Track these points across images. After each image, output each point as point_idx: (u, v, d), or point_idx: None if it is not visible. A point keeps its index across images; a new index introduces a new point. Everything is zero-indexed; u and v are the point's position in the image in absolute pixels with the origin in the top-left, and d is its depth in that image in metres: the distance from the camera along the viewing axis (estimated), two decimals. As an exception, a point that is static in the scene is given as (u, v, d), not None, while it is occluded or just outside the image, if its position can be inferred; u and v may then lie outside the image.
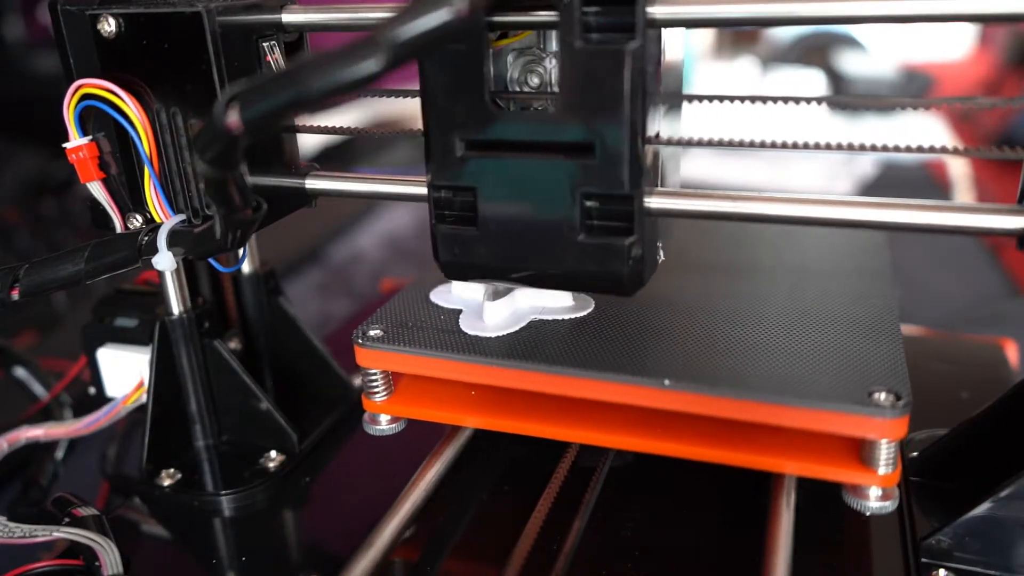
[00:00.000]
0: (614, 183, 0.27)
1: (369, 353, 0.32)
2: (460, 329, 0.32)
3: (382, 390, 0.33)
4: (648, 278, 0.30)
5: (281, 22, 0.32)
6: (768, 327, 0.31)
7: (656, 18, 0.26)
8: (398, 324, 0.33)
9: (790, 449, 0.28)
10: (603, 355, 0.30)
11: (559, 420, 0.31)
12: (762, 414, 0.27)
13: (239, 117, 0.22)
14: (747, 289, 0.35)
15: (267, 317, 0.42)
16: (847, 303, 0.33)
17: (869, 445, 0.27)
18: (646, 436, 0.30)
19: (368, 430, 0.34)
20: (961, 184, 1.11)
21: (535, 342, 0.31)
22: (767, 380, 0.28)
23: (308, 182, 0.35)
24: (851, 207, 0.27)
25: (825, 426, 0.27)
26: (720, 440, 0.29)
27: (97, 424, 0.39)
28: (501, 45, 0.30)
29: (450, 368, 0.31)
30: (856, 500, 0.28)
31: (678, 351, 0.30)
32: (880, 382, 0.27)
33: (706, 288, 0.35)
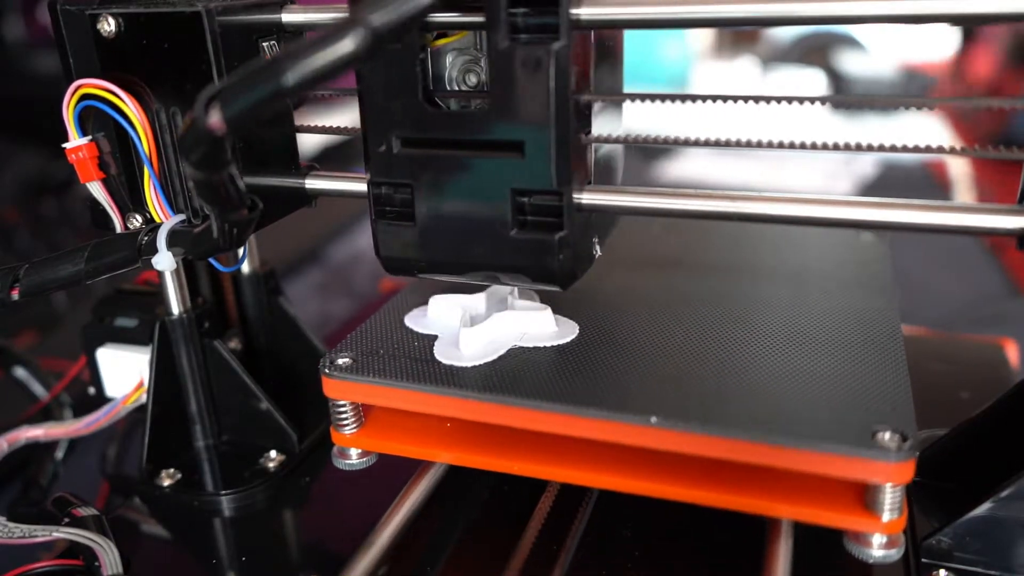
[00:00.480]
0: (542, 180, 0.28)
1: (337, 384, 0.30)
2: (434, 358, 0.31)
3: (351, 422, 0.31)
4: (582, 273, 0.30)
5: (281, 22, 0.32)
6: (763, 352, 0.30)
7: (583, 19, 0.26)
8: (369, 352, 0.31)
9: (786, 492, 0.27)
10: (586, 388, 0.28)
11: (540, 457, 0.29)
12: (756, 455, 0.25)
13: (220, 116, 0.22)
14: (742, 309, 0.33)
15: (267, 317, 0.42)
16: (848, 324, 0.31)
17: (873, 490, 0.25)
18: (632, 476, 0.28)
19: (337, 464, 0.32)
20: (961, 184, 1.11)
21: (514, 373, 0.29)
22: (761, 417, 0.26)
23: (308, 182, 0.35)
24: (851, 207, 0.27)
25: (824, 469, 0.25)
26: (711, 481, 0.27)
27: (97, 424, 0.39)
28: (440, 45, 0.30)
29: (423, 401, 0.29)
30: (858, 548, 0.26)
31: (668, 382, 0.28)
32: (884, 420, 0.25)
33: (698, 308, 0.33)
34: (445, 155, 0.29)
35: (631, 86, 0.33)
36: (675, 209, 0.29)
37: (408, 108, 0.29)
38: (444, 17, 0.28)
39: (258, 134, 0.33)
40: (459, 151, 0.29)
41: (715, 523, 0.33)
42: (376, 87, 0.29)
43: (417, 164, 0.29)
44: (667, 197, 0.29)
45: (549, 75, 0.26)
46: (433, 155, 0.29)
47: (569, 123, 0.27)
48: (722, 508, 0.27)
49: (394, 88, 0.28)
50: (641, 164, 1.33)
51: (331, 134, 0.34)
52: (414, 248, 0.30)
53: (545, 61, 0.26)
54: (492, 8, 0.26)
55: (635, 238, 0.40)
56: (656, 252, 0.39)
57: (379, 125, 0.29)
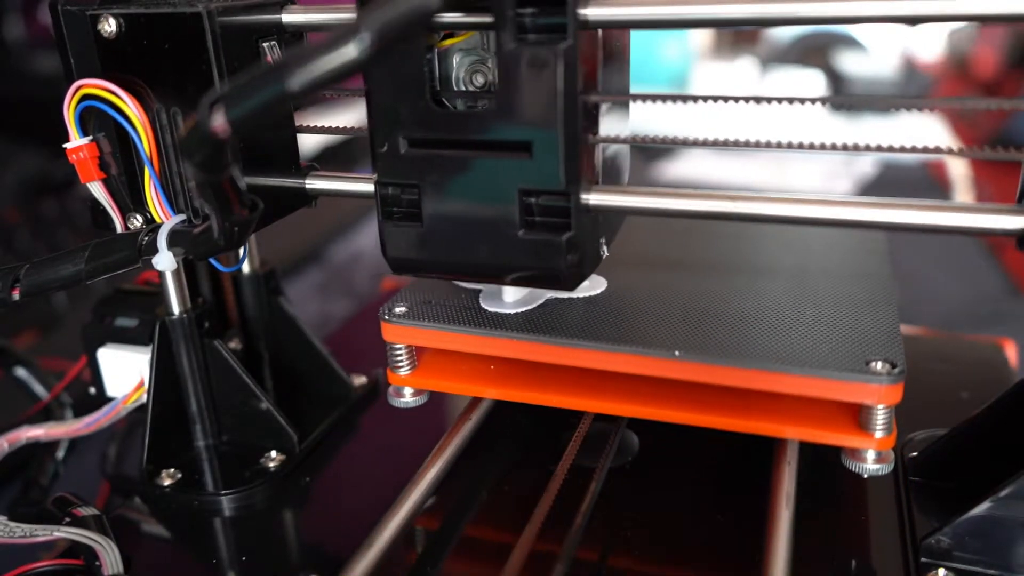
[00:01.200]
0: (550, 180, 0.28)
1: (395, 328, 0.33)
2: (480, 306, 0.34)
3: (406, 364, 0.34)
4: (588, 273, 0.31)
5: (281, 22, 0.33)
6: (771, 304, 0.33)
7: (590, 19, 0.26)
8: (421, 302, 0.34)
9: (792, 416, 0.30)
10: (616, 329, 0.31)
11: (574, 391, 0.32)
12: (766, 382, 0.29)
13: (225, 119, 0.22)
14: (754, 270, 0.36)
15: (267, 317, 0.42)
16: (846, 281, 0.35)
17: (866, 411, 0.29)
18: (656, 405, 0.31)
19: (392, 403, 0.35)
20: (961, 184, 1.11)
21: (551, 318, 0.33)
22: (770, 351, 0.29)
23: (308, 182, 0.35)
24: (851, 207, 0.27)
25: (825, 393, 0.28)
26: (725, 408, 0.30)
27: (97, 424, 0.39)
28: (447, 45, 0.30)
29: (471, 342, 0.33)
30: (854, 463, 0.29)
31: (687, 326, 0.31)
32: (877, 353, 0.29)
33: (714, 268, 0.37)
34: (452, 155, 0.29)
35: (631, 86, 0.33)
36: (680, 209, 0.29)
37: (415, 108, 0.29)
38: (451, 18, 0.28)
39: (259, 135, 0.33)
40: (466, 151, 0.29)
41: (716, 521, 0.33)
42: (383, 87, 0.29)
43: (424, 164, 0.29)
44: (673, 198, 0.29)
45: (557, 75, 0.26)
46: (440, 155, 0.29)
47: (577, 123, 0.27)
48: (736, 431, 0.30)
49: (401, 88, 0.28)
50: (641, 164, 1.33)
51: (332, 134, 0.34)
52: (421, 248, 0.31)
53: (553, 61, 0.26)
54: (499, 8, 0.26)
55: (654, 231, 0.42)
56: (674, 223, 0.42)
57: (386, 125, 0.29)
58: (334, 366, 0.43)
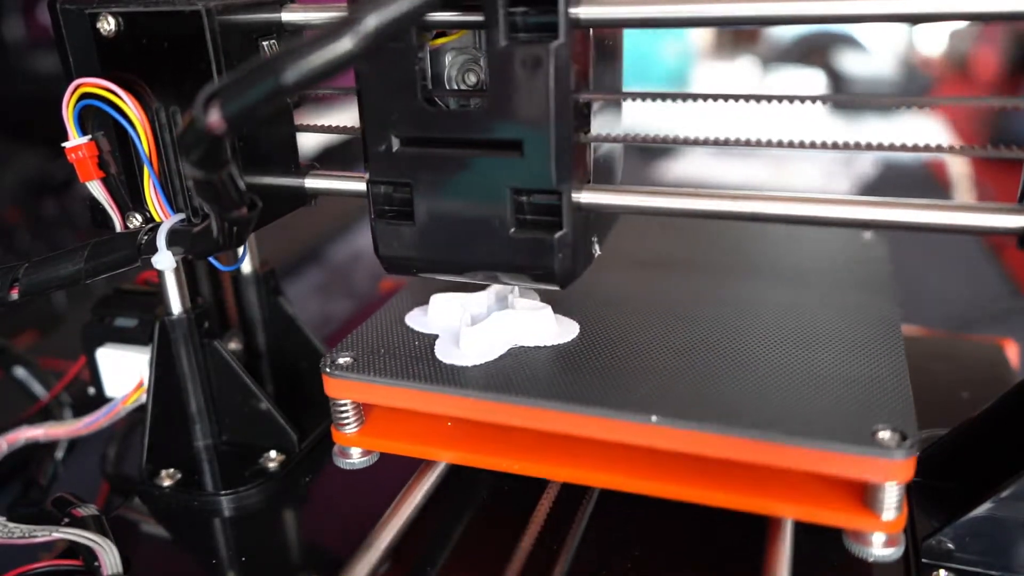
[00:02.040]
0: (542, 179, 0.28)
1: (338, 383, 0.30)
2: (435, 357, 0.31)
3: (353, 422, 0.31)
4: (580, 272, 0.30)
5: (281, 21, 0.32)
6: (763, 352, 0.30)
7: (581, 18, 0.26)
8: (369, 351, 0.31)
9: (787, 491, 0.27)
10: (587, 387, 0.28)
11: (540, 456, 0.29)
12: (756, 453, 0.26)
13: (220, 115, 0.22)
14: (742, 308, 0.33)
15: (267, 317, 0.42)
16: (848, 323, 0.31)
17: (873, 488, 0.25)
18: (633, 475, 0.28)
19: (339, 464, 0.32)
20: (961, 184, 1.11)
21: (515, 372, 0.29)
22: (762, 415, 0.26)
23: (308, 181, 0.35)
24: (851, 206, 0.27)
25: (824, 468, 0.25)
26: (712, 481, 0.27)
27: (97, 424, 0.39)
28: (439, 44, 0.30)
29: (424, 400, 0.29)
30: (858, 547, 0.26)
31: (668, 381, 0.28)
32: (884, 419, 0.25)
33: (698, 307, 0.33)
34: (444, 154, 0.29)
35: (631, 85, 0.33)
36: (675, 208, 0.29)
37: (407, 107, 0.29)
38: (443, 16, 0.28)
39: (258, 133, 0.33)
40: (458, 150, 0.29)
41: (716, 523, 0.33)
42: (375, 86, 0.29)
43: (416, 163, 0.29)
44: (666, 196, 0.29)
45: (548, 74, 0.26)
46: (432, 154, 0.29)
47: (568, 122, 0.27)
48: (722, 508, 0.27)
49: (393, 87, 0.28)
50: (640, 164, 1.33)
51: (331, 133, 0.34)
52: (414, 247, 0.30)
53: (544, 60, 0.26)
54: (491, 7, 0.26)
55: (634, 237, 0.40)
56: (655, 251, 0.39)
57: (378, 124, 0.29)
58: (334, 366, 0.43)
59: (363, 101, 0.29)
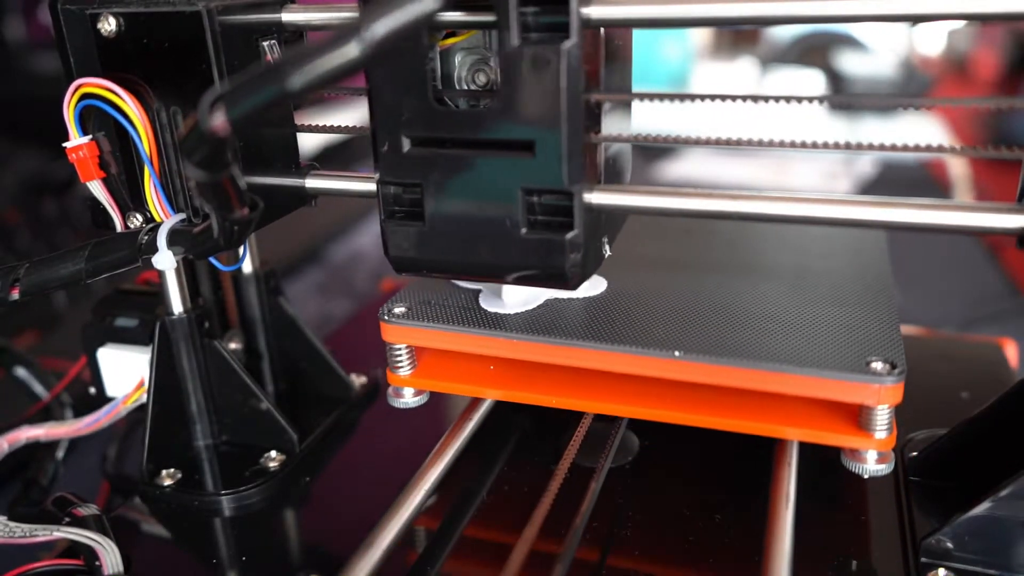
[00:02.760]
0: (553, 179, 0.28)
1: (394, 328, 0.33)
2: (480, 306, 0.34)
3: (406, 364, 0.34)
4: (591, 272, 0.31)
5: (281, 21, 0.32)
6: (771, 305, 0.33)
7: (592, 18, 0.26)
8: (421, 302, 0.34)
9: (792, 417, 0.30)
10: (616, 329, 0.31)
11: (574, 391, 0.33)
12: (766, 382, 0.29)
13: (225, 118, 0.22)
14: (753, 271, 0.36)
15: (267, 317, 0.42)
16: (845, 281, 0.35)
17: (867, 411, 0.29)
18: (656, 405, 0.31)
19: (392, 403, 0.35)
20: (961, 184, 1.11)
21: (551, 318, 0.33)
22: (771, 351, 0.29)
23: (308, 181, 0.35)
24: (851, 206, 0.27)
25: (825, 393, 0.28)
26: (726, 409, 0.31)
27: (97, 424, 0.39)
28: (449, 44, 0.30)
29: (471, 342, 0.33)
30: (855, 464, 0.29)
31: (686, 326, 0.31)
32: (877, 352, 0.29)
33: (714, 269, 0.37)
34: (455, 154, 0.29)
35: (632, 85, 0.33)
36: (682, 208, 0.29)
37: (417, 107, 0.29)
38: (453, 17, 0.28)
39: (259, 134, 0.33)
40: (469, 150, 0.29)
41: (716, 523, 0.33)
42: (385, 86, 0.29)
43: (427, 163, 0.29)
44: (675, 197, 0.29)
45: (560, 74, 0.26)
46: (443, 154, 0.29)
47: (580, 122, 0.27)
48: (735, 432, 0.30)
49: (403, 87, 0.28)
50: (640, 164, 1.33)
51: (332, 133, 0.34)
52: (424, 248, 0.31)
53: (555, 60, 0.26)
54: (502, 7, 0.26)
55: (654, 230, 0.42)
56: (674, 223, 0.42)
57: (388, 124, 0.29)
58: (334, 366, 0.43)
59: (373, 101, 0.29)
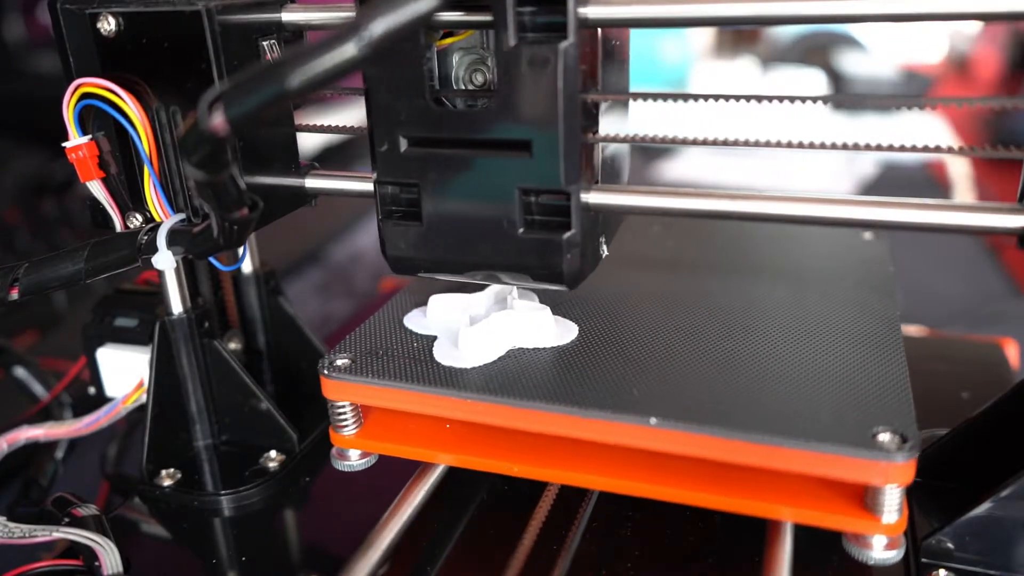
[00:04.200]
0: (551, 179, 0.28)
1: (336, 384, 0.30)
2: (434, 359, 0.31)
3: (351, 423, 0.31)
4: (589, 272, 0.30)
5: (281, 21, 0.32)
6: (762, 353, 0.30)
7: (589, 18, 0.26)
8: (368, 352, 0.31)
9: (786, 494, 0.27)
10: (586, 389, 0.28)
11: (540, 459, 0.29)
12: (755, 456, 0.25)
13: (223, 118, 0.22)
14: (741, 309, 0.33)
15: (267, 317, 0.42)
16: (848, 324, 0.31)
17: (873, 491, 0.25)
18: (632, 478, 0.28)
19: (337, 466, 0.32)
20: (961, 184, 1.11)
21: (514, 374, 0.29)
22: (761, 417, 0.26)
23: (308, 181, 0.35)
24: (851, 206, 0.27)
25: (824, 470, 0.25)
26: (711, 483, 0.27)
27: (97, 424, 0.39)
28: (446, 44, 0.30)
29: (422, 402, 0.29)
30: (858, 550, 0.26)
31: (667, 383, 0.28)
32: (884, 420, 0.25)
33: (697, 309, 0.33)
34: (452, 154, 0.29)
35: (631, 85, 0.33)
36: (681, 208, 0.29)
37: (415, 107, 0.29)
38: (451, 16, 0.28)
39: (258, 134, 0.33)
40: (466, 150, 0.29)
41: (716, 524, 0.33)
42: (383, 86, 0.29)
43: (424, 163, 0.29)
44: (673, 196, 0.29)
45: (557, 74, 0.26)
46: (440, 154, 0.29)
47: (577, 122, 0.27)
48: (721, 511, 0.27)
49: (401, 87, 0.28)
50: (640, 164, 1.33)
51: (331, 133, 0.34)
52: (421, 247, 0.30)
53: (553, 60, 0.26)
54: (500, 7, 0.26)
55: (634, 238, 0.40)
56: (655, 252, 0.39)
57: (386, 124, 0.29)
58: (334, 366, 0.43)
59: (371, 101, 0.29)
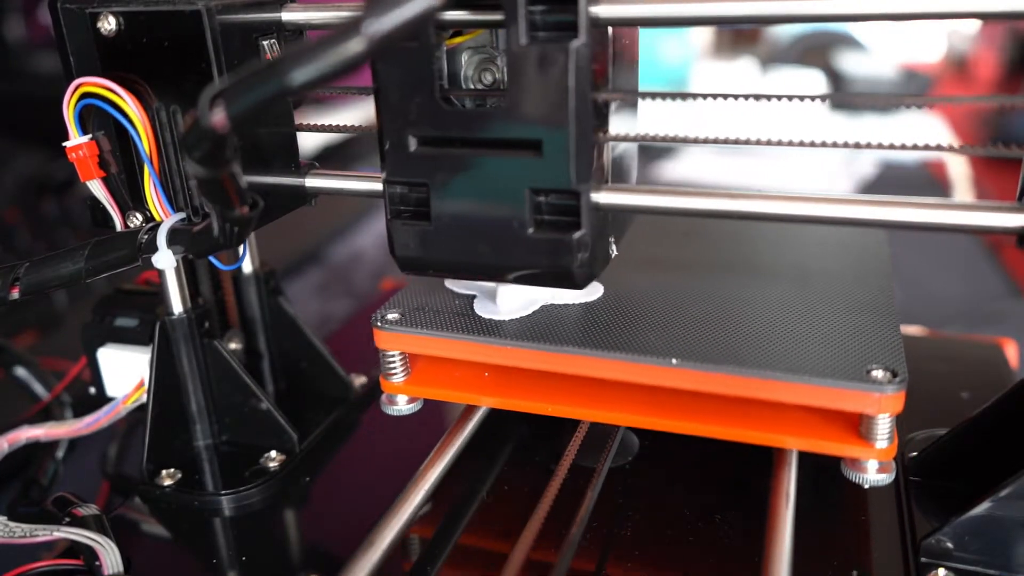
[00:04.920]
0: (561, 179, 0.28)
1: (388, 335, 0.33)
2: (474, 312, 0.33)
3: (400, 371, 0.34)
4: (599, 272, 0.31)
5: (281, 20, 0.32)
6: (769, 310, 0.32)
7: (600, 17, 0.26)
8: (415, 308, 0.34)
9: (792, 425, 0.29)
10: (613, 336, 0.31)
11: (570, 398, 0.32)
12: (765, 390, 0.28)
13: (224, 115, 0.22)
14: (751, 275, 0.36)
15: (267, 317, 0.42)
16: (845, 286, 0.34)
17: (868, 420, 0.28)
18: (654, 414, 0.31)
19: (385, 410, 0.35)
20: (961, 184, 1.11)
21: (547, 324, 0.32)
22: (769, 358, 0.29)
23: (308, 181, 0.35)
24: (852, 205, 0.27)
25: (824, 402, 0.28)
26: (724, 417, 0.30)
27: (97, 424, 0.39)
28: (455, 43, 0.30)
29: (466, 349, 0.32)
30: (855, 473, 0.29)
31: (684, 333, 0.31)
32: (877, 360, 0.28)
33: (711, 274, 0.36)
34: (461, 154, 0.29)
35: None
36: (688, 208, 0.29)
37: (424, 107, 0.28)
38: (461, 15, 0.28)
39: (259, 133, 0.33)
40: (476, 150, 0.29)
41: (716, 523, 0.33)
42: (392, 86, 0.29)
43: (433, 163, 0.29)
44: (681, 196, 0.29)
45: (568, 73, 0.26)
46: (449, 154, 0.29)
47: (588, 122, 0.27)
48: (734, 441, 0.30)
49: (410, 87, 0.28)
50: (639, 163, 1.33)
51: (332, 132, 0.34)
52: (430, 247, 0.31)
53: (563, 59, 0.26)
54: (511, 6, 0.26)
55: (652, 232, 0.42)
56: (673, 224, 0.42)
57: (395, 124, 0.29)
58: (334, 366, 0.43)
59: (380, 100, 0.29)
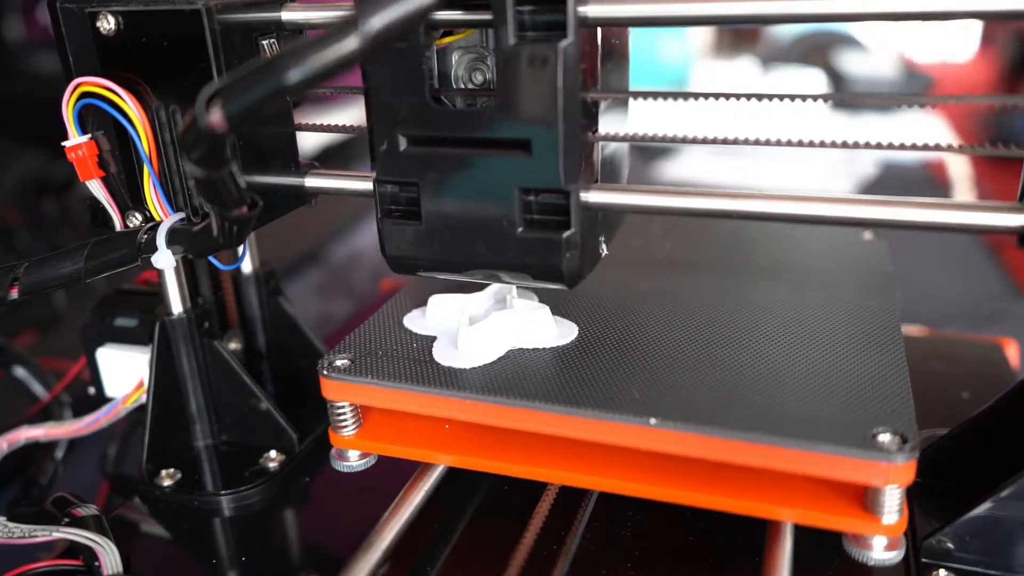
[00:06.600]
0: (550, 178, 0.28)
1: (335, 385, 0.30)
2: (433, 359, 0.30)
3: (350, 424, 0.31)
4: (588, 271, 0.30)
5: (280, 20, 0.32)
6: (762, 353, 0.30)
7: (589, 17, 0.26)
8: (367, 353, 0.31)
9: (786, 494, 0.26)
10: (586, 389, 0.28)
11: (539, 459, 0.29)
12: (754, 456, 0.25)
13: (221, 114, 0.22)
14: (741, 309, 0.33)
15: (267, 317, 0.42)
16: (848, 324, 0.31)
17: (873, 492, 0.25)
18: (632, 478, 0.28)
19: (336, 466, 0.32)
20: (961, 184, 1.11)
21: (513, 374, 0.29)
22: (761, 418, 0.26)
23: (307, 180, 0.35)
24: (851, 205, 0.27)
25: (824, 471, 0.25)
26: (710, 484, 0.27)
27: (97, 424, 0.39)
28: (445, 43, 0.30)
29: (421, 402, 0.29)
30: (858, 550, 0.26)
31: (667, 384, 0.28)
32: (884, 421, 0.25)
33: (697, 309, 0.33)
34: (452, 153, 0.29)
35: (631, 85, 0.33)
36: (681, 208, 0.29)
37: (414, 106, 0.28)
38: (451, 15, 0.28)
39: (258, 132, 0.33)
40: (466, 149, 0.28)
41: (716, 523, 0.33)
42: (382, 85, 0.29)
43: (423, 162, 0.29)
44: (673, 196, 0.29)
45: (557, 73, 0.26)
46: (439, 153, 0.29)
47: (577, 121, 0.27)
48: (721, 511, 0.27)
49: (400, 86, 0.28)
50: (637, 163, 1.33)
51: (331, 132, 0.34)
52: (420, 247, 0.30)
53: (552, 59, 0.26)
54: (499, 6, 0.26)
55: (634, 238, 0.40)
56: (655, 252, 0.39)
57: (385, 123, 0.29)
58: (334, 366, 0.43)
59: (370, 100, 0.29)
